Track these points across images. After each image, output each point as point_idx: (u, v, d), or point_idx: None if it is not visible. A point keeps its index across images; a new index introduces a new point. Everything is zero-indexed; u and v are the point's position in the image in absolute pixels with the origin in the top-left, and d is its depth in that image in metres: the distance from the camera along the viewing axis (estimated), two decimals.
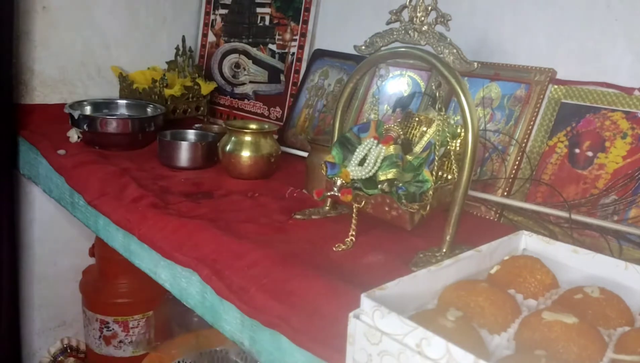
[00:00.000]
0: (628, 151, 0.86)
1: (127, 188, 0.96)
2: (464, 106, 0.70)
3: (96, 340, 1.41)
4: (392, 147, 0.77)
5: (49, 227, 1.42)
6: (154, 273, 0.85)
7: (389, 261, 0.74)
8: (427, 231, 0.79)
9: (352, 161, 0.77)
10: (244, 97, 1.48)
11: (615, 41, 0.90)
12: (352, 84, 0.84)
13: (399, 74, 1.15)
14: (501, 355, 0.51)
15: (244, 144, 1.04)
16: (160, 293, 1.36)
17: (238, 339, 0.70)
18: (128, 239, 0.89)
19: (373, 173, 0.76)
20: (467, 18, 1.04)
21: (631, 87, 0.88)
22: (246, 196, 0.97)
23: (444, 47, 0.72)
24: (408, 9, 0.76)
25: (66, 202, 1.09)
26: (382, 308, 0.48)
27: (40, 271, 1.43)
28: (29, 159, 1.25)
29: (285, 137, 1.30)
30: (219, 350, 1.29)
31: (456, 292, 0.58)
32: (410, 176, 0.75)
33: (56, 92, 1.38)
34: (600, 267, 0.64)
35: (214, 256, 0.75)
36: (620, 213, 0.83)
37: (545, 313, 0.53)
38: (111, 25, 1.44)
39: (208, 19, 1.56)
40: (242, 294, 0.67)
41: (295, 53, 1.38)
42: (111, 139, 1.19)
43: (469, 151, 0.70)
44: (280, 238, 0.80)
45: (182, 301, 0.80)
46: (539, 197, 0.91)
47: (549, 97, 0.96)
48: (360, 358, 0.50)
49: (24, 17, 1.30)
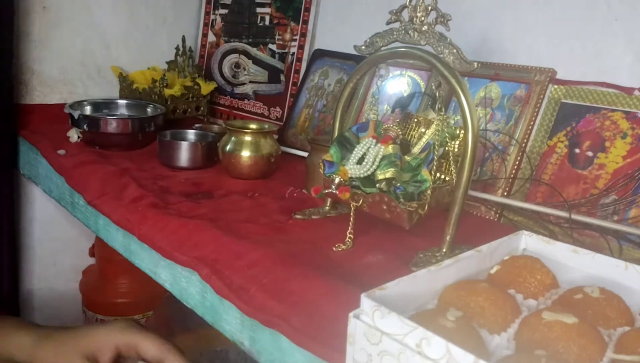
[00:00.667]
0: (628, 151, 0.86)
1: (127, 188, 0.96)
2: (464, 106, 0.70)
3: None
4: (390, 146, 0.77)
5: (49, 227, 1.42)
6: (154, 273, 0.85)
7: (389, 261, 0.74)
8: (426, 231, 0.79)
9: (351, 160, 0.77)
10: (244, 97, 1.48)
11: (615, 41, 0.90)
12: (352, 84, 0.84)
13: (399, 74, 1.15)
14: (501, 355, 0.51)
15: (244, 144, 1.04)
16: (160, 293, 1.36)
17: (238, 339, 0.70)
18: (128, 239, 0.89)
19: (371, 172, 0.76)
20: (467, 18, 1.04)
21: (631, 87, 0.88)
22: (246, 196, 0.97)
23: (444, 47, 0.72)
24: (408, 9, 0.76)
25: (66, 202, 1.09)
26: (382, 308, 0.48)
27: (40, 271, 1.43)
28: (29, 159, 1.25)
29: (285, 137, 1.30)
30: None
31: (456, 292, 0.58)
32: (409, 176, 0.75)
33: (56, 92, 1.38)
34: (600, 267, 0.64)
35: (214, 256, 0.75)
36: (620, 213, 0.83)
37: (545, 313, 0.53)
38: (111, 25, 1.44)
39: (208, 19, 1.56)
40: (242, 293, 0.67)
41: (295, 53, 1.38)
42: (111, 139, 1.19)
43: (469, 151, 0.70)
44: (280, 238, 0.80)
45: (182, 301, 0.80)
46: (539, 197, 0.91)
47: (549, 97, 0.96)
48: (360, 358, 0.50)
49: (24, 17, 1.30)
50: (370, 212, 0.78)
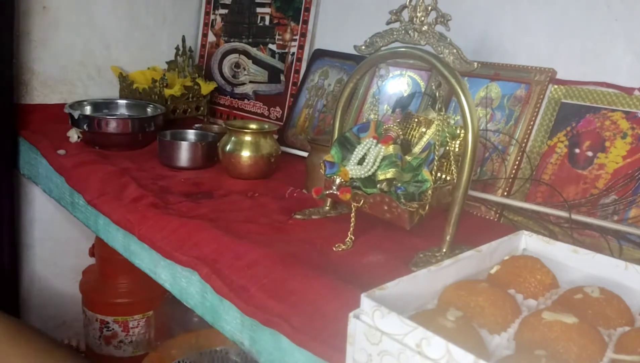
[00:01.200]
0: (628, 151, 0.86)
1: (127, 187, 0.96)
2: (464, 106, 0.70)
3: (96, 340, 1.41)
4: (391, 147, 0.77)
5: (49, 227, 1.42)
6: (154, 273, 0.85)
7: (388, 261, 0.74)
8: (426, 231, 0.79)
9: (351, 160, 0.77)
10: (244, 97, 1.48)
11: (615, 41, 0.90)
12: (352, 84, 0.84)
13: (399, 74, 1.15)
14: (501, 355, 0.51)
15: (244, 144, 1.04)
16: (160, 293, 1.36)
17: (238, 339, 0.70)
18: (128, 239, 0.89)
19: (372, 173, 0.76)
20: (467, 18, 1.04)
21: (631, 87, 0.88)
22: (246, 196, 0.97)
23: (444, 47, 0.72)
24: (408, 9, 0.76)
25: (66, 202, 1.09)
26: (382, 308, 0.48)
27: (40, 271, 1.43)
28: (29, 159, 1.25)
29: (285, 137, 1.30)
30: (219, 350, 1.29)
31: (456, 292, 0.58)
32: (409, 176, 0.75)
33: (56, 92, 1.38)
34: (600, 267, 0.64)
35: (214, 256, 0.75)
36: (620, 213, 0.83)
37: (545, 313, 0.53)
38: (111, 25, 1.44)
39: (208, 19, 1.56)
40: (242, 292, 0.67)
41: (295, 53, 1.38)
42: (111, 139, 1.19)
43: (469, 151, 0.70)
44: (280, 238, 0.80)
45: (182, 301, 0.80)
46: (539, 197, 0.91)
47: (549, 97, 0.96)
48: (360, 358, 0.50)
49: (24, 17, 1.30)
50: (371, 212, 0.78)
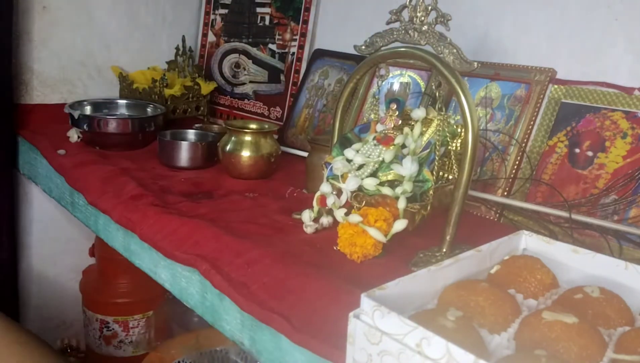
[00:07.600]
0: (628, 150, 0.86)
1: (127, 187, 0.96)
2: (464, 106, 0.70)
3: (96, 340, 1.41)
4: (392, 148, 0.77)
5: (49, 227, 1.42)
6: (154, 273, 0.85)
7: (389, 261, 0.74)
8: (427, 231, 0.79)
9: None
10: (244, 97, 1.48)
11: (615, 41, 0.90)
12: (352, 84, 0.84)
13: (399, 74, 1.15)
14: (501, 355, 0.51)
15: (244, 144, 1.04)
16: (160, 293, 1.36)
17: (238, 339, 0.70)
18: (128, 239, 0.89)
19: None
20: (467, 18, 1.04)
21: (631, 87, 0.88)
22: (246, 196, 0.97)
23: (444, 47, 0.72)
24: (408, 9, 0.76)
25: (66, 202, 1.09)
26: (382, 308, 0.48)
27: (40, 271, 1.43)
28: (29, 159, 1.25)
29: (285, 137, 1.30)
30: (219, 350, 1.29)
31: (456, 292, 0.58)
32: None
33: (56, 92, 1.38)
34: (600, 267, 0.64)
35: (214, 254, 0.75)
36: (620, 213, 0.83)
37: (546, 313, 0.53)
38: (111, 25, 1.44)
39: (208, 19, 1.56)
40: (242, 288, 0.67)
41: (295, 53, 1.38)
42: (111, 139, 1.19)
43: (469, 151, 0.70)
44: (280, 237, 0.80)
45: (182, 301, 0.80)
46: (539, 197, 0.91)
47: (549, 97, 0.96)
48: (360, 358, 0.50)
49: (24, 17, 1.30)
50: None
